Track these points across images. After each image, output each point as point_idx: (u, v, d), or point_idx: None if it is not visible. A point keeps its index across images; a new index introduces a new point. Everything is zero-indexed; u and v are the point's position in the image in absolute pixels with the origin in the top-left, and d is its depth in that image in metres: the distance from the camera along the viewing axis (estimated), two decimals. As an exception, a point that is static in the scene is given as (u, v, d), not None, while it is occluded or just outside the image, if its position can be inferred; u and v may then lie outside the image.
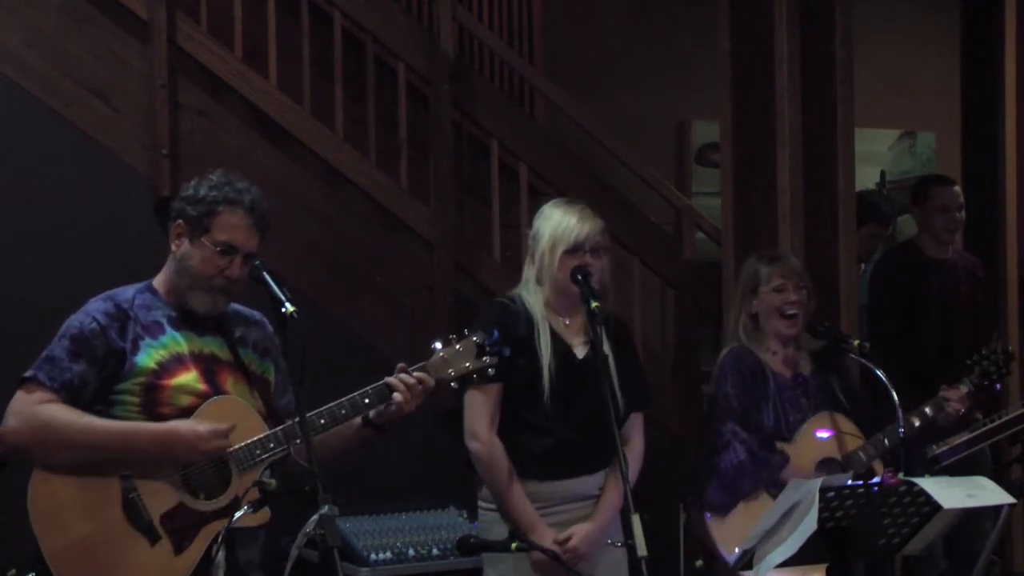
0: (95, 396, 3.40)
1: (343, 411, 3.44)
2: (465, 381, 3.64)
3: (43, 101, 5.32)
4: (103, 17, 5.44)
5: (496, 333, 3.61)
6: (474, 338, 3.55)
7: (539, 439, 4.01)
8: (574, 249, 4.02)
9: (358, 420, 3.51)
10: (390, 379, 3.47)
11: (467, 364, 3.54)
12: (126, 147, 5.44)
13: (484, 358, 3.55)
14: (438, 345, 3.54)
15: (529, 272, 4.13)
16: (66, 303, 3.59)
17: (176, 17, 5.50)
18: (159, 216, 5.04)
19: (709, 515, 4.50)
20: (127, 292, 3.52)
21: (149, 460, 3.36)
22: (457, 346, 3.54)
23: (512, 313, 4.03)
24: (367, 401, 3.45)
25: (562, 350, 4.06)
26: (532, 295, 4.09)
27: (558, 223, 4.06)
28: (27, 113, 5.31)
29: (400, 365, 3.49)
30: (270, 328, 3.62)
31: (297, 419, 3.36)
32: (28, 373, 3.41)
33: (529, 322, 4.04)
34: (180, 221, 3.48)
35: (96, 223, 5.33)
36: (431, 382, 3.49)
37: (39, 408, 3.36)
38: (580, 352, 4.10)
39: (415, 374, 3.47)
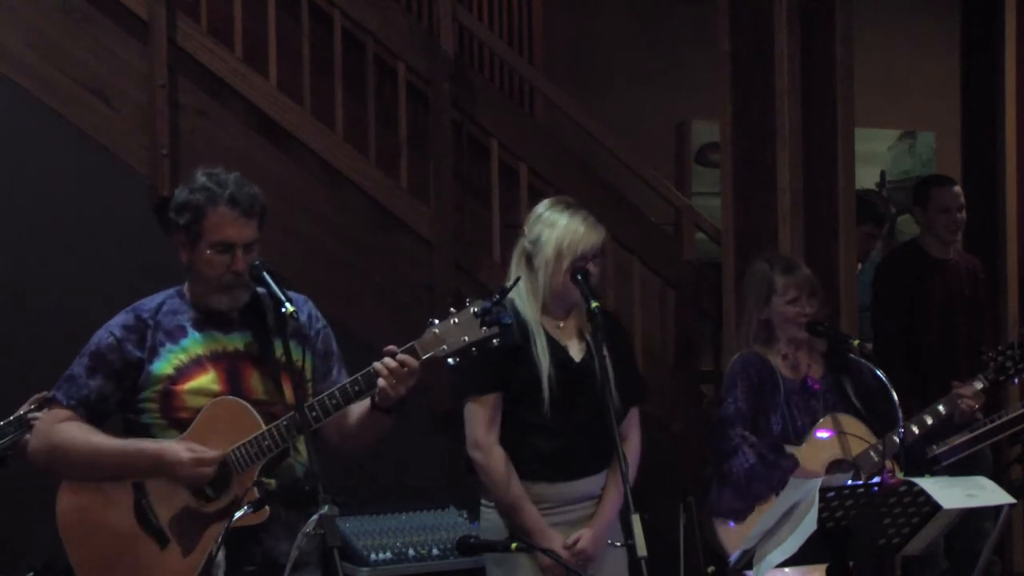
0: (120, 406, 3.51)
1: (334, 401, 3.42)
2: (465, 355, 3.46)
3: (43, 101, 5.32)
4: (103, 17, 5.44)
5: (492, 300, 3.47)
6: (472, 309, 3.41)
7: (545, 442, 4.01)
8: (581, 258, 3.99)
9: (368, 403, 3.49)
10: (376, 364, 3.44)
11: (465, 337, 3.41)
12: (126, 147, 5.44)
13: (484, 328, 3.42)
14: (435, 321, 3.46)
15: (521, 274, 4.04)
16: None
17: (176, 17, 5.50)
18: (159, 216, 5.04)
19: (724, 522, 4.49)
20: (155, 300, 3.57)
21: (146, 476, 3.45)
22: (453, 320, 3.42)
23: None
24: (357, 388, 3.43)
25: (559, 355, 4.04)
26: (525, 300, 4.04)
27: (564, 232, 4.00)
28: (27, 113, 5.32)
29: (388, 348, 3.45)
30: (313, 311, 3.65)
31: (290, 416, 3.39)
32: (50, 393, 3.55)
33: (524, 330, 4.00)
34: (177, 232, 3.50)
35: (96, 223, 5.34)
36: (415, 363, 3.41)
37: (54, 428, 3.49)
38: (576, 354, 4.08)
39: (399, 356, 3.42)
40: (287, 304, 3.33)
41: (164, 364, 3.46)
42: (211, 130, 5.57)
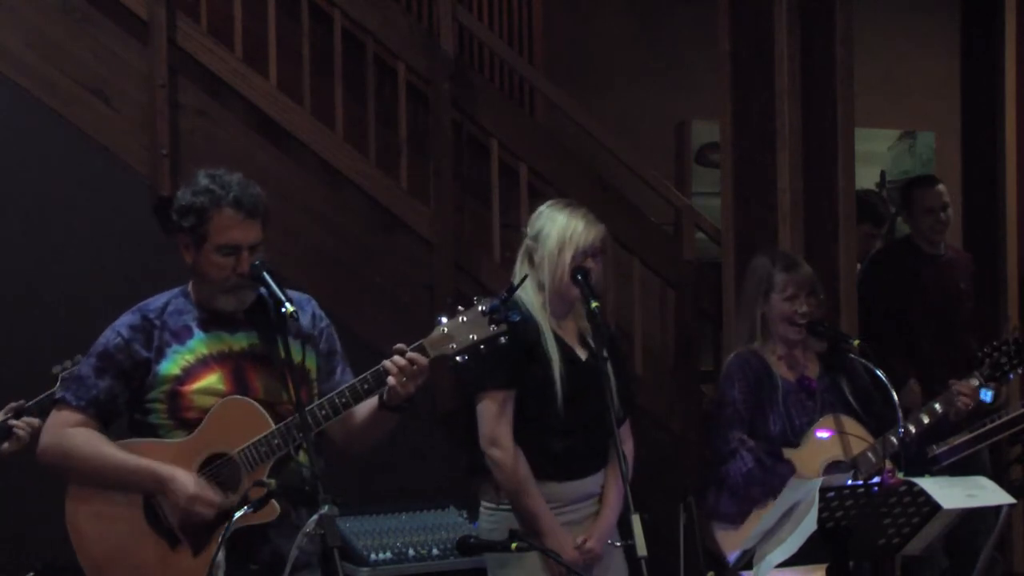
0: (129, 406, 3.53)
1: (343, 400, 3.44)
2: (473, 353, 3.47)
3: (43, 101, 5.33)
4: (103, 17, 5.44)
5: (501, 298, 3.48)
6: (480, 307, 3.44)
7: (557, 441, 4.02)
8: (582, 253, 4.02)
9: (375, 402, 3.50)
10: (385, 362, 3.45)
11: (473, 336, 3.44)
12: (126, 147, 5.44)
13: (492, 327, 3.44)
14: (443, 319, 3.46)
15: (526, 271, 4.07)
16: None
17: (176, 17, 5.51)
18: (158, 216, 5.04)
19: (721, 526, 4.49)
20: (159, 300, 3.59)
21: (149, 492, 3.47)
22: (462, 318, 3.44)
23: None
24: (366, 387, 3.45)
25: (567, 353, 4.06)
26: (532, 298, 4.06)
27: (565, 227, 4.04)
28: (27, 113, 5.32)
29: (397, 346, 3.46)
30: (316, 311, 3.67)
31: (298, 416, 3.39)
32: (58, 394, 3.58)
33: (535, 327, 4.02)
34: (181, 234, 3.51)
35: (96, 223, 5.34)
36: (424, 361, 3.43)
37: (65, 432, 3.51)
38: (581, 355, 4.11)
39: (408, 354, 3.43)
40: (287, 304, 3.33)
41: (171, 365, 3.47)
42: (211, 130, 5.57)
